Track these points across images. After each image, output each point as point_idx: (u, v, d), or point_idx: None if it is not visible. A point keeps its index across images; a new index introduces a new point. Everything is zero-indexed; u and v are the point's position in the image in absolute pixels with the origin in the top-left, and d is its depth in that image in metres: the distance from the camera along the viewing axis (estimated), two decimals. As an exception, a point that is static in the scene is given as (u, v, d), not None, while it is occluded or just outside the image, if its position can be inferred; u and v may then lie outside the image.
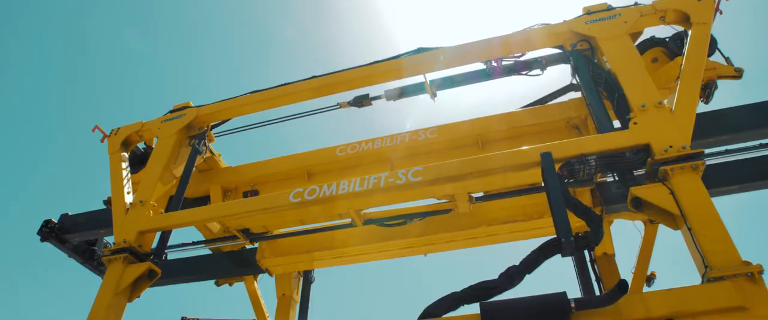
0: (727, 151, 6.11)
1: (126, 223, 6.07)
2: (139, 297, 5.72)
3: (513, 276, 4.31)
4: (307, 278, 8.49)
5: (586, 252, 6.68)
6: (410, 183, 5.16)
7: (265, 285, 8.63)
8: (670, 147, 4.43)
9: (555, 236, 4.31)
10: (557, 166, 4.71)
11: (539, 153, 4.77)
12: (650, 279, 6.87)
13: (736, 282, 3.62)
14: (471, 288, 4.39)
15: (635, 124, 4.74)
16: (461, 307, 4.41)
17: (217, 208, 6.15)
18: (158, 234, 6.30)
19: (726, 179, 6.13)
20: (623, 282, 3.74)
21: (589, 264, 7.05)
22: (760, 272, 3.62)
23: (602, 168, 4.74)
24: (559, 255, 4.38)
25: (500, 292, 4.33)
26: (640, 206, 4.46)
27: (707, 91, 5.26)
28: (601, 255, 7.19)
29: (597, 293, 6.81)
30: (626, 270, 7.07)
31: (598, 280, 7.06)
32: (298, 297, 8.38)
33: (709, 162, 5.99)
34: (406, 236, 7.15)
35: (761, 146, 6.04)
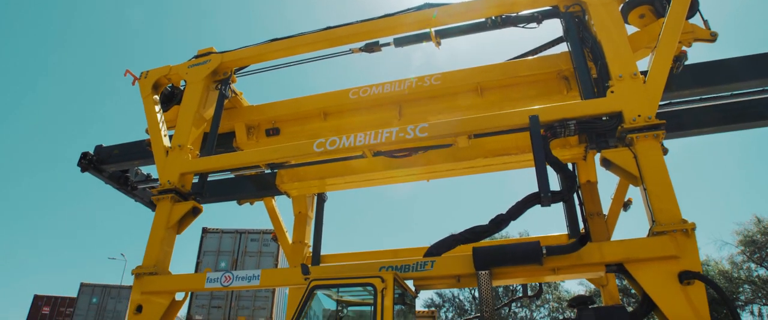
0: (701, 99, 6.88)
1: (167, 166, 6.84)
2: (186, 229, 6.68)
3: (500, 222, 5.28)
4: (321, 198, 9.51)
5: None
6: (418, 138, 5.93)
7: (281, 203, 9.71)
8: (639, 116, 5.14)
9: (537, 190, 5.19)
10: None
11: (528, 116, 5.49)
12: (627, 205, 7.73)
13: (673, 236, 4.56)
14: (466, 231, 5.37)
15: (612, 92, 5.40)
16: (458, 248, 5.43)
17: (249, 154, 6.83)
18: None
19: (696, 122, 6.95)
20: (585, 235, 4.67)
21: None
22: (693, 229, 4.55)
23: (580, 131, 5.46)
24: None
25: (490, 235, 5.33)
26: (608, 166, 5.28)
27: (678, 63, 5.80)
28: (585, 182, 8.10)
29: (579, 215, 7.79)
30: (606, 196, 7.98)
31: (581, 205, 8.02)
32: (312, 215, 9.48)
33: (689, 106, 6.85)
34: (411, 165, 7.97)
35: (732, 95, 6.80)
